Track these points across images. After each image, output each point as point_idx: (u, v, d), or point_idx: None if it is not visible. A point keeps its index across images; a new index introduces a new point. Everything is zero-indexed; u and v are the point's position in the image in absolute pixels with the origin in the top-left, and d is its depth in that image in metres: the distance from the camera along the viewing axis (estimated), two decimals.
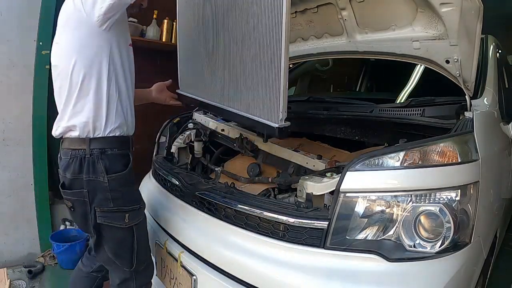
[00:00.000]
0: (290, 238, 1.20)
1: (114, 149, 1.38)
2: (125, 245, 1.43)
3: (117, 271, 1.49)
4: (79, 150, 1.34)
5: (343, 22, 1.82)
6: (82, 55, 1.29)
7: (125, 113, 1.42)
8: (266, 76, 1.27)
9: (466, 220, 1.16)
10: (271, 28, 1.22)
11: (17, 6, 2.44)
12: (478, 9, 1.33)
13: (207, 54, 1.59)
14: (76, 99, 1.32)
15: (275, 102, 1.25)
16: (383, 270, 1.09)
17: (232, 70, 1.45)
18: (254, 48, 1.31)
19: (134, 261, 1.45)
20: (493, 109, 1.69)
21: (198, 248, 1.47)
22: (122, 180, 1.37)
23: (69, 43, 1.31)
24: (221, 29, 1.48)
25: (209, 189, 1.51)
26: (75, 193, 1.35)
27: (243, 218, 1.33)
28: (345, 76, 3.71)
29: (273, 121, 1.27)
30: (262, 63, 1.28)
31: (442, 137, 1.23)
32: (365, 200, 1.13)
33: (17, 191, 2.56)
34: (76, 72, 1.30)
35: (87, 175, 1.33)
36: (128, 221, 1.39)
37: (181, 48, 1.83)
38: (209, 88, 1.62)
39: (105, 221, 1.36)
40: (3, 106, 2.48)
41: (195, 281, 1.45)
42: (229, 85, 1.48)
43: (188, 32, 1.75)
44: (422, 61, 1.63)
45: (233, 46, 1.42)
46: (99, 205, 1.34)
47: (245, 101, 1.40)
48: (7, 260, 2.53)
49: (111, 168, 1.35)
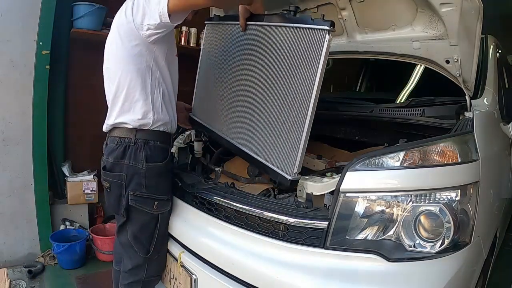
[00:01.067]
0: (290, 238, 1.20)
1: (156, 142, 1.51)
2: (147, 230, 1.53)
3: (132, 256, 1.56)
4: (126, 138, 1.48)
5: (343, 22, 1.82)
6: (130, 62, 1.44)
7: (169, 113, 1.55)
8: (289, 130, 1.34)
9: (466, 220, 1.16)
10: (301, 86, 1.29)
11: (17, 6, 2.44)
12: (478, 9, 1.33)
13: (229, 89, 1.66)
14: (123, 100, 1.47)
15: (292, 157, 1.31)
16: (383, 270, 1.09)
17: (254, 113, 1.51)
18: (282, 99, 1.38)
19: (151, 248, 1.54)
20: (493, 109, 1.69)
21: (198, 248, 1.47)
22: (158, 170, 1.50)
23: (119, 49, 1.46)
24: (248, 67, 1.56)
25: (209, 189, 1.51)
26: (114, 175, 1.49)
27: (243, 218, 1.33)
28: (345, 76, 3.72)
29: (287, 173, 1.32)
30: (287, 117, 1.35)
31: (442, 137, 1.23)
32: (365, 200, 1.13)
33: (17, 191, 2.57)
34: (123, 76, 1.45)
35: (128, 160, 1.46)
36: (156, 208, 1.52)
37: (201, 75, 1.90)
38: (225, 122, 1.68)
39: (136, 204, 1.48)
40: (3, 106, 2.48)
41: (195, 281, 1.45)
42: (248, 126, 1.54)
43: (211, 60, 1.82)
44: (422, 61, 1.63)
45: (259, 90, 1.49)
46: (134, 189, 1.47)
47: (262, 146, 1.46)
48: (7, 260, 2.54)
49: (150, 157, 1.48)
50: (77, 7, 2.66)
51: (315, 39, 1.26)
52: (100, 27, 2.74)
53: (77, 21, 2.67)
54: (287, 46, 1.38)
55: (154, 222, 1.54)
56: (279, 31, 1.43)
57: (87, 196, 2.81)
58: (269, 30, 1.47)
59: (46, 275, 2.50)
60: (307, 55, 1.29)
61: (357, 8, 1.73)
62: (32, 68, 2.52)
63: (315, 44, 1.26)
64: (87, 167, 2.90)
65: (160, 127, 1.51)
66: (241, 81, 1.59)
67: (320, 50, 1.24)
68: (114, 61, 1.49)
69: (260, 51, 1.51)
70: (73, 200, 2.78)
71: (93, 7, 2.64)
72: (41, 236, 2.64)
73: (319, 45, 1.24)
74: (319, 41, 1.25)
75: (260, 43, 1.51)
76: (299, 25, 1.33)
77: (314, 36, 1.27)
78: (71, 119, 2.98)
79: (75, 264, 2.59)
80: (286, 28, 1.39)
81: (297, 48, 1.33)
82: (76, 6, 2.66)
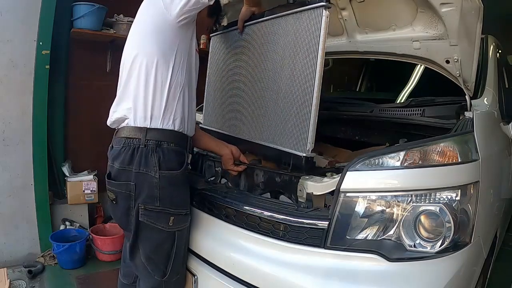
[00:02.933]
0: (291, 238, 1.20)
1: (170, 144, 1.29)
2: (163, 250, 1.31)
3: (146, 280, 1.35)
4: (134, 139, 1.27)
5: (343, 22, 1.82)
6: (149, 43, 1.28)
7: (185, 110, 1.35)
8: (298, 110, 1.33)
9: (466, 220, 1.16)
10: (306, 62, 1.30)
11: (17, 6, 2.44)
12: (478, 9, 1.33)
13: (238, 90, 1.67)
14: (132, 85, 1.30)
15: (304, 134, 1.30)
16: (383, 270, 1.09)
17: (264, 106, 1.51)
18: (289, 82, 1.38)
19: (168, 270, 1.33)
20: (493, 109, 1.69)
21: (199, 248, 1.47)
22: (173, 179, 1.29)
23: (142, 31, 1.32)
24: (254, 64, 1.57)
25: (210, 189, 1.51)
26: (121, 185, 1.27)
27: (244, 218, 1.33)
28: (345, 76, 3.72)
29: (301, 151, 1.30)
30: (295, 97, 1.34)
31: (442, 137, 1.23)
32: (365, 200, 1.13)
33: (17, 191, 2.56)
34: (140, 63, 1.28)
35: (138, 167, 1.25)
36: (172, 225, 1.29)
37: (209, 85, 1.91)
38: (237, 122, 1.68)
39: (148, 220, 1.26)
40: (3, 106, 2.48)
41: (196, 280, 1.45)
42: (259, 120, 1.54)
43: (218, 67, 1.84)
44: (422, 61, 1.63)
45: (267, 83, 1.50)
46: (144, 202, 1.25)
47: (274, 135, 1.45)
48: (7, 260, 2.53)
49: (164, 163, 1.26)
50: (77, 7, 2.66)
51: (313, 17, 1.28)
52: (100, 27, 2.74)
53: (77, 21, 2.67)
54: (289, 33, 1.39)
55: (171, 241, 1.31)
56: (279, 22, 1.44)
57: (87, 196, 2.81)
58: (269, 24, 1.49)
59: (46, 275, 2.50)
60: (308, 33, 1.30)
61: (357, 8, 1.73)
62: (32, 68, 2.52)
63: (314, 22, 1.28)
64: (87, 167, 2.91)
65: (173, 125, 1.30)
66: (249, 79, 1.60)
67: (319, 25, 1.25)
68: (132, 45, 1.33)
69: (264, 45, 1.52)
70: (73, 200, 2.78)
71: (93, 7, 2.64)
72: (41, 236, 2.64)
73: (317, 22, 1.26)
74: (317, 17, 1.27)
75: (262, 38, 1.53)
76: (296, 9, 1.35)
77: (312, 15, 1.29)
78: (71, 119, 2.98)
79: (75, 264, 2.59)
80: (285, 16, 1.41)
81: (298, 30, 1.35)
82: (76, 6, 2.66)
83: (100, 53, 3.01)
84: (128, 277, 1.57)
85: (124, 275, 1.58)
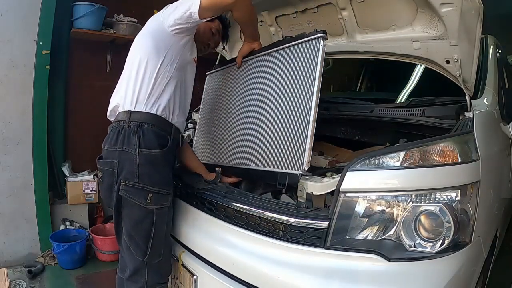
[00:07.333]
0: (291, 238, 1.20)
1: (151, 125, 1.41)
2: (142, 228, 1.40)
3: (130, 260, 1.45)
4: (120, 121, 1.42)
5: (343, 22, 1.82)
6: (147, 40, 1.47)
7: (170, 100, 1.46)
8: (294, 132, 1.35)
9: (466, 220, 1.16)
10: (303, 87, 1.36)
11: (17, 6, 2.44)
12: (478, 9, 1.33)
13: (233, 120, 1.71)
14: (126, 76, 1.48)
15: (300, 155, 1.30)
16: (383, 270, 1.09)
17: (258, 133, 1.53)
18: (285, 108, 1.42)
19: (149, 249, 1.41)
20: (493, 109, 1.69)
21: (199, 248, 1.47)
22: (152, 158, 1.38)
23: (140, 38, 1.51)
24: (250, 94, 1.62)
25: (210, 189, 1.51)
26: (107, 163, 1.41)
27: (244, 218, 1.33)
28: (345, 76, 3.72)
29: (296, 170, 1.30)
30: (292, 120, 1.38)
31: (442, 137, 1.23)
32: (365, 200, 1.13)
33: (17, 191, 2.57)
34: (136, 58, 1.46)
35: (121, 146, 1.37)
36: (150, 202, 1.38)
37: (202, 121, 1.94)
38: (231, 152, 1.68)
39: (127, 194, 1.36)
40: (3, 106, 2.48)
41: (196, 280, 1.45)
42: (253, 145, 1.55)
43: (212, 103, 1.88)
44: (422, 61, 1.63)
45: (262, 110, 1.54)
46: (125, 177, 1.36)
47: (269, 158, 1.45)
48: (7, 260, 2.54)
49: (144, 142, 1.38)
50: (77, 7, 2.67)
51: (311, 47, 1.38)
52: (100, 27, 2.75)
53: (77, 21, 2.68)
54: (287, 63, 1.47)
55: (150, 219, 1.40)
56: (277, 54, 1.53)
57: (87, 196, 2.81)
58: (267, 57, 1.59)
59: (46, 275, 2.50)
60: (305, 62, 1.39)
61: (357, 8, 1.73)
62: (32, 68, 2.52)
63: (312, 51, 1.37)
64: (87, 167, 2.91)
65: (156, 110, 1.42)
66: (244, 109, 1.65)
67: (316, 54, 1.34)
68: (134, 45, 1.53)
69: (261, 77, 1.59)
70: (73, 200, 2.79)
71: (93, 7, 2.65)
72: (41, 236, 2.65)
73: (315, 51, 1.35)
74: (315, 47, 1.36)
75: (260, 70, 1.60)
76: (295, 42, 1.45)
77: (311, 45, 1.38)
78: (71, 119, 2.99)
79: (75, 264, 2.59)
80: (283, 50, 1.51)
81: (296, 60, 1.43)
82: (76, 6, 2.67)
83: (100, 53, 3.01)
84: (124, 271, 1.59)
85: (121, 269, 1.63)
